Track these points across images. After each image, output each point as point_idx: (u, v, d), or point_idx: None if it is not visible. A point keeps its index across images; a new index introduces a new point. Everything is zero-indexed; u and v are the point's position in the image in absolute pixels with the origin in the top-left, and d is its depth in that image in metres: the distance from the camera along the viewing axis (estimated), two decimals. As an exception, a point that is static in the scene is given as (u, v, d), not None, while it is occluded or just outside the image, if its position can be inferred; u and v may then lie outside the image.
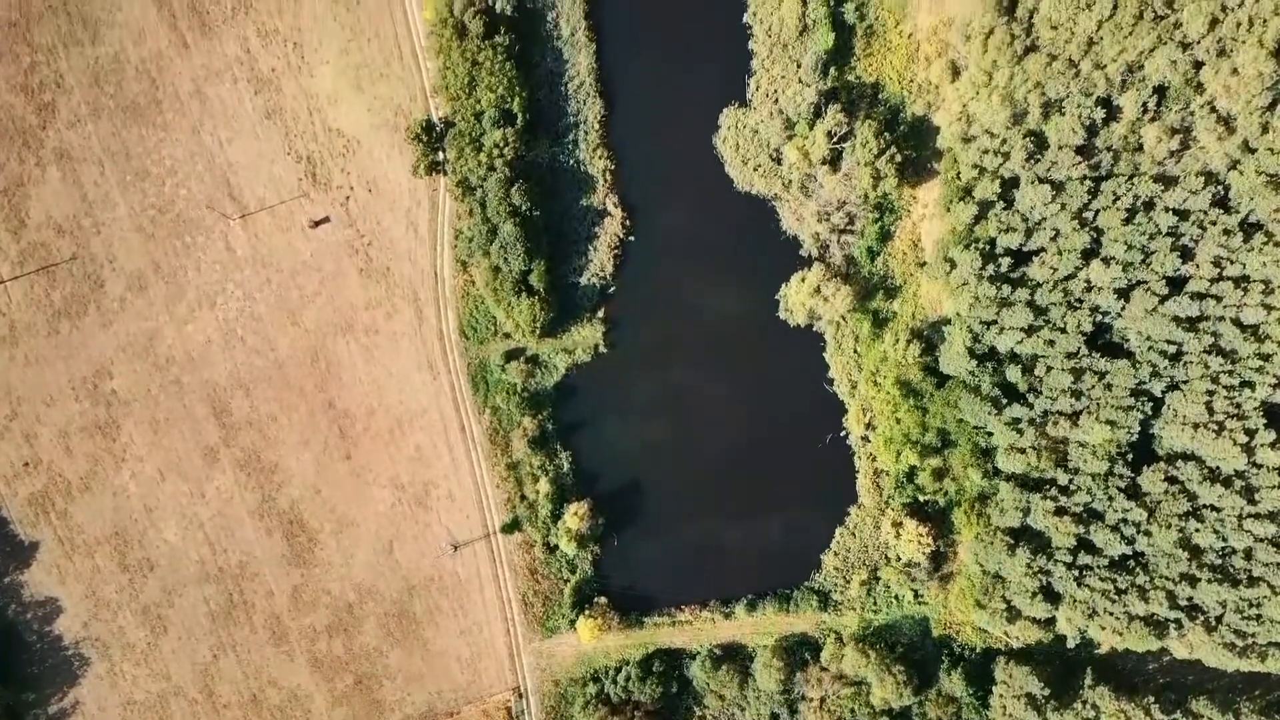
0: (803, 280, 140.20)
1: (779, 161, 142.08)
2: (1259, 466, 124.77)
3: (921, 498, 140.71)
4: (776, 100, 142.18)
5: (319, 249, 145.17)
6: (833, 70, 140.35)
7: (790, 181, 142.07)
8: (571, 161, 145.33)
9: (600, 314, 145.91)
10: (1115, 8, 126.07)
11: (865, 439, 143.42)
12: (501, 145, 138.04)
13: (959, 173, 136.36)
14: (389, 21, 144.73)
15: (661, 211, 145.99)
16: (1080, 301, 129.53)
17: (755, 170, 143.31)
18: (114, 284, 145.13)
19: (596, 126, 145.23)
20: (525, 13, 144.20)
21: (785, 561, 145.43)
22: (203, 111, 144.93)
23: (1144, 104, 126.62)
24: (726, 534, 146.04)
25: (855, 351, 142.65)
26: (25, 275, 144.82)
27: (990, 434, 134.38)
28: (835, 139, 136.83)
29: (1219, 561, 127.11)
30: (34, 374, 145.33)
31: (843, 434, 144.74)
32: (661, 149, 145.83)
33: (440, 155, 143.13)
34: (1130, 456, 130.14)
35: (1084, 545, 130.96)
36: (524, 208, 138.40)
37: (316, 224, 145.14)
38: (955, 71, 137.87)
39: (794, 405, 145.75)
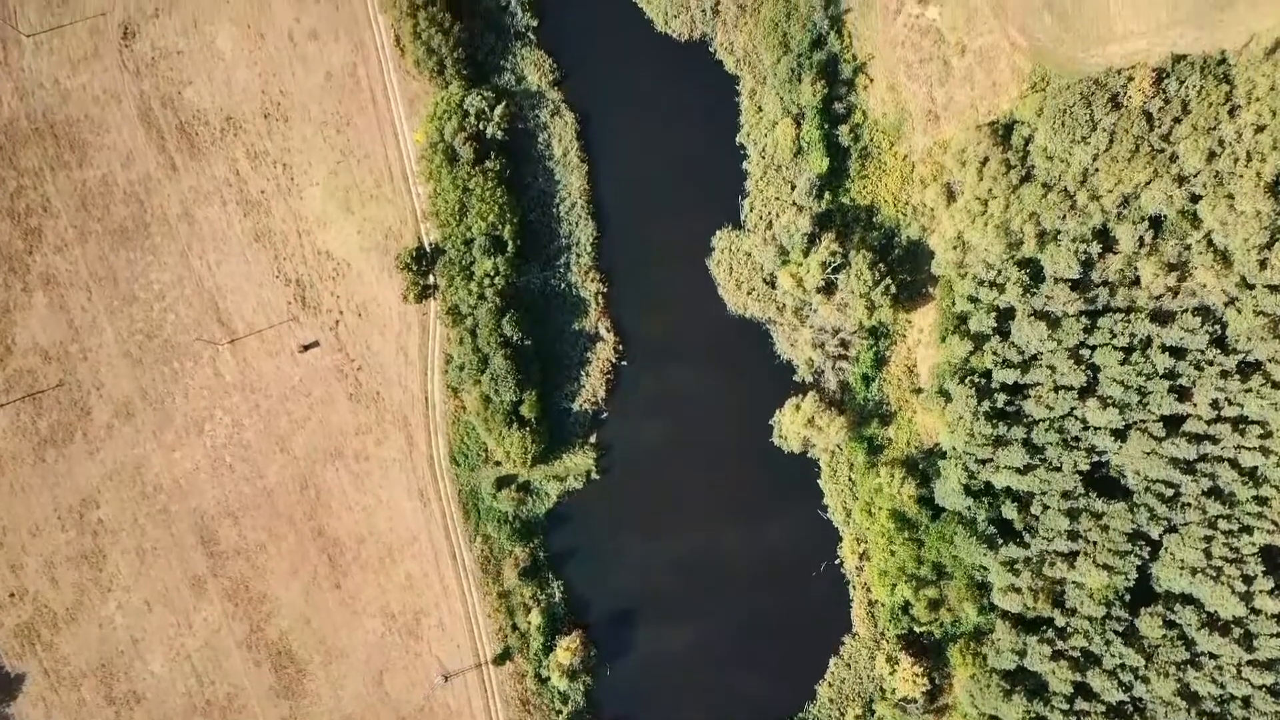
0: (797, 409, 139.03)
1: (773, 286, 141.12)
2: (1257, 613, 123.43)
3: (917, 628, 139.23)
4: (770, 225, 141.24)
5: (308, 374, 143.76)
6: (827, 194, 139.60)
7: (784, 306, 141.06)
8: (563, 285, 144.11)
9: (593, 440, 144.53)
10: (1111, 141, 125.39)
11: (860, 569, 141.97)
12: (492, 274, 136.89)
13: (954, 301, 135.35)
14: (379, 143, 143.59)
15: (654, 335, 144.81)
16: (1077, 440, 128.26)
17: (749, 294, 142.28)
18: (101, 411, 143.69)
19: (589, 249, 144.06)
20: (517, 134, 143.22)
21: (780, 691, 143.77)
22: (191, 234, 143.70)
23: (1140, 237, 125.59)
24: (721, 662, 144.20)
25: (850, 480, 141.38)
26: (11, 403, 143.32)
27: (986, 568, 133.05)
28: (829, 269, 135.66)
29: (1217, 710, 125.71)
30: (20, 503, 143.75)
31: (837, 562, 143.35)
32: (654, 272, 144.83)
33: (431, 280, 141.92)
34: (1128, 598, 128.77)
35: (1081, 690, 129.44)
36: (515, 338, 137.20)
37: (306, 348, 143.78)
38: (950, 195, 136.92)
39: (789, 530, 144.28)
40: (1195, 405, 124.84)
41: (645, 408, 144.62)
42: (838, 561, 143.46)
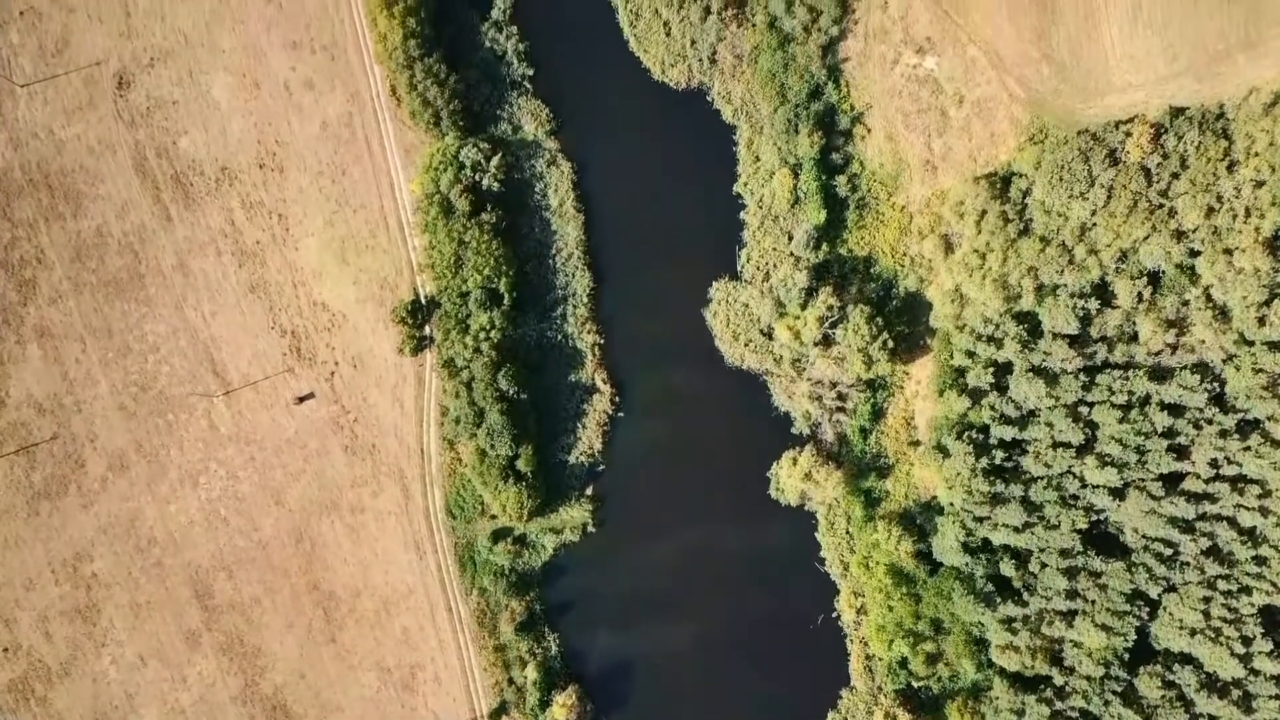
0: (794, 462, 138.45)
1: (770, 337, 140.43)
2: (1256, 674, 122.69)
3: (915, 684, 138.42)
4: (768, 276, 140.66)
5: (303, 426, 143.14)
6: (824, 244, 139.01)
7: (781, 358, 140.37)
8: (560, 336, 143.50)
9: (589, 492, 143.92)
10: (1109, 197, 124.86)
11: (857, 623, 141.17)
12: (488, 328, 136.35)
13: (952, 355, 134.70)
14: (375, 193, 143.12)
15: (651, 386, 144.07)
16: (1075, 499, 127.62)
17: (746, 346, 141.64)
18: (95, 464, 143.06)
19: (585, 300, 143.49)
20: (513, 184, 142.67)
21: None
22: (186, 285, 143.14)
23: (1139, 293, 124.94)
24: (718, 715, 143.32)
25: (847, 533, 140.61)
26: (5, 456, 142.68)
27: (984, 625, 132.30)
28: (827, 323, 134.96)
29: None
30: (13, 557, 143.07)
31: (834, 615, 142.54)
32: (651, 322, 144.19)
33: (427, 332, 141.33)
34: (1127, 656, 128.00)
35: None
36: (511, 392, 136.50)
37: (301, 400, 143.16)
38: (948, 246, 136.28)
39: (786, 582, 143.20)
40: (1194, 463, 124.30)
41: (642, 460, 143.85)
42: (835, 615, 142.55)
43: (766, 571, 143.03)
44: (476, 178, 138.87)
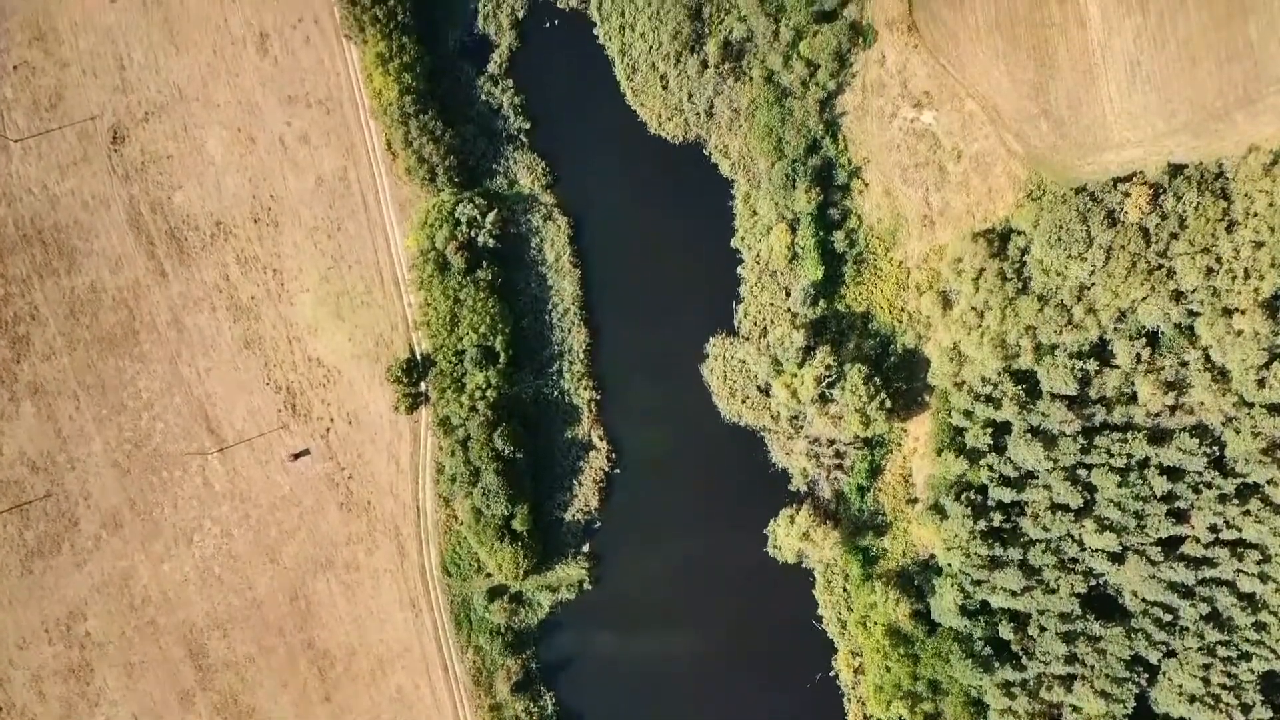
0: (791, 521, 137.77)
1: (767, 394, 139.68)
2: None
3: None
4: (765, 332, 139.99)
5: (298, 483, 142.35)
6: (822, 300, 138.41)
7: (778, 415, 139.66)
8: (556, 393, 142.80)
9: (585, 549, 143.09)
10: (1108, 257, 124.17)
11: (855, 683, 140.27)
12: (484, 387, 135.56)
13: (950, 412, 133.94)
14: (370, 249, 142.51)
15: (648, 443, 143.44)
16: (1074, 562, 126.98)
17: (743, 402, 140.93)
18: (89, 522, 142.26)
19: (581, 356, 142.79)
20: (509, 239, 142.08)
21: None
22: (180, 341, 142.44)
23: (1138, 354, 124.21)
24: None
25: (845, 591, 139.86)
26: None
27: (983, 688, 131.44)
28: (824, 383, 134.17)
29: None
30: (6, 616, 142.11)
31: (832, 674, 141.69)
32: (648, 378, 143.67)
33: (423, 388, 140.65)
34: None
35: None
36: (507, 451, 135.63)
37: (296, 457, 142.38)
38: (946, 303, 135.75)
39: (784, 639, 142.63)
40: (1193, 527, 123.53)
41: (639, 515, 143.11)
42: (833, 674, 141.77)
43: (764, 630, 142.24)
44: (472, 234, 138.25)
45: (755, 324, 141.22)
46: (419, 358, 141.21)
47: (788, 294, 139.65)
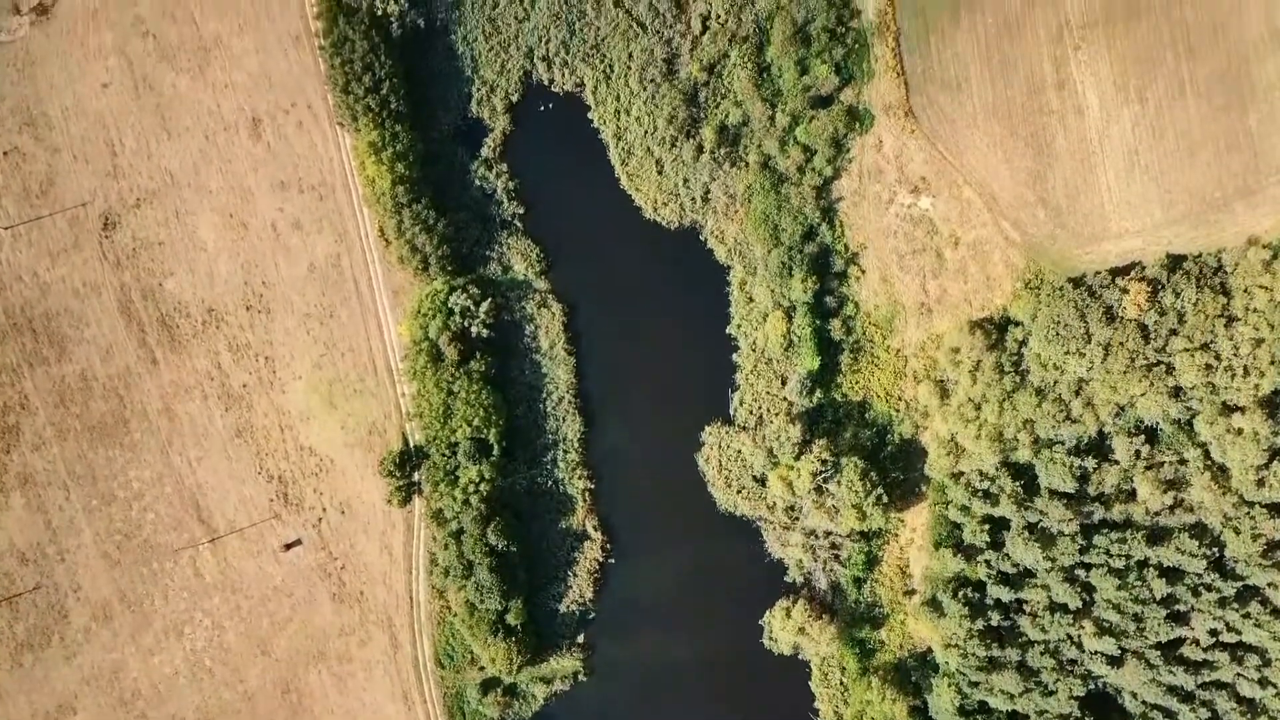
0: (787, 614, 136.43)
1: (763, 484, 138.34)
2: None
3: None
4: (761, 421, 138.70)
5: (290, 573, 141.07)
6: (818, 390, 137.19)
7: (774, 506, 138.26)
8: (550, 482, 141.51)
9: (580, 640, 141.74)
10: (1106, 354, 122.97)
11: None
12: (477, 481, 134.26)
13: (947, 505, 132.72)
14: (363, 336, 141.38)
15: (643, 532, 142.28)
16: (1073, 664, 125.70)
17: (739, 493, 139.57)
18: (78, 614, 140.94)
19: (576, 445, 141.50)
20: (503, 326, 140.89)
21: None
22: (171, 430, 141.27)
23: (1137, 450, 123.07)
24: None
25: (842, 684, 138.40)
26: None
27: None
28: (820, 476, 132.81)
29: None
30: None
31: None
32: (643, 467, 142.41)
33: (416, 478, 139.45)
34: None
35: None
36: (500, 546, 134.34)
37: (288, 547, 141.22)
38: (944, 392, 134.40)
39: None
40: (1193, 629, 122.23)
41: (633, 607, 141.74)
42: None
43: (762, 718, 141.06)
44: (465, 324, 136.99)
45: (751, 412, 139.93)
46: (412, 447, 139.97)
47: (784, 382, 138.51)
